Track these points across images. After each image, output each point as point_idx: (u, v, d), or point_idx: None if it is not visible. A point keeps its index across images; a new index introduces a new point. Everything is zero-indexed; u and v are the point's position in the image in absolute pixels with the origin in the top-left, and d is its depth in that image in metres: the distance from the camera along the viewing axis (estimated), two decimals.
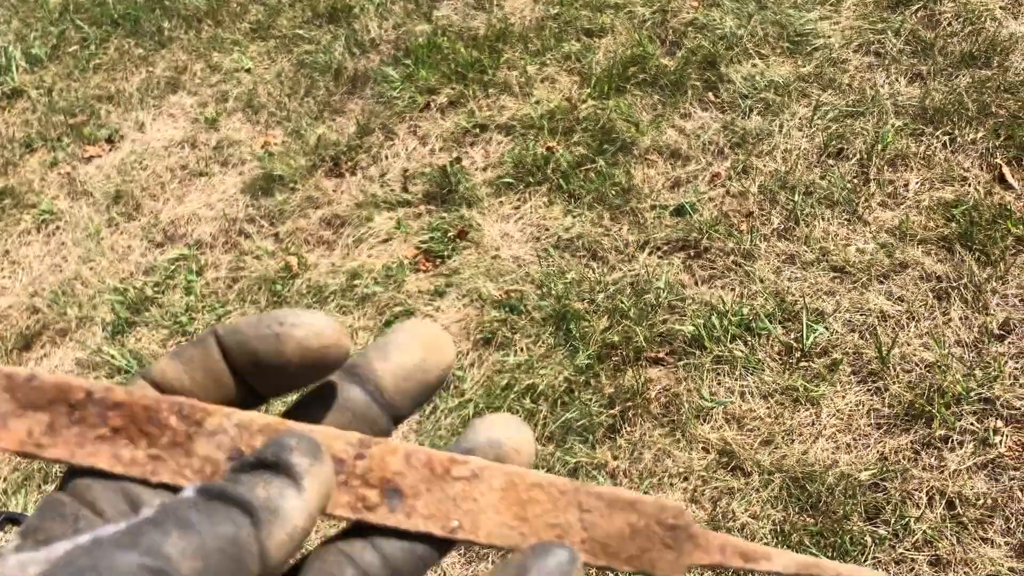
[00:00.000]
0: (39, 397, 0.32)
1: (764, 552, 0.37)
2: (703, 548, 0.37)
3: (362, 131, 2.48)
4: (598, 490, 0.36)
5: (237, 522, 0.28)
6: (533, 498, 0.36)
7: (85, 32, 3.05)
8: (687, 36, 2.49)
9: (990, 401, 1.67)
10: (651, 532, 0.37)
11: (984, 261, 1.86)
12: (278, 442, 0.30)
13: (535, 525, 0.35)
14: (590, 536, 0.36)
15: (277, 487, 0.29)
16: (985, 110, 2.11)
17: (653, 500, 0.37)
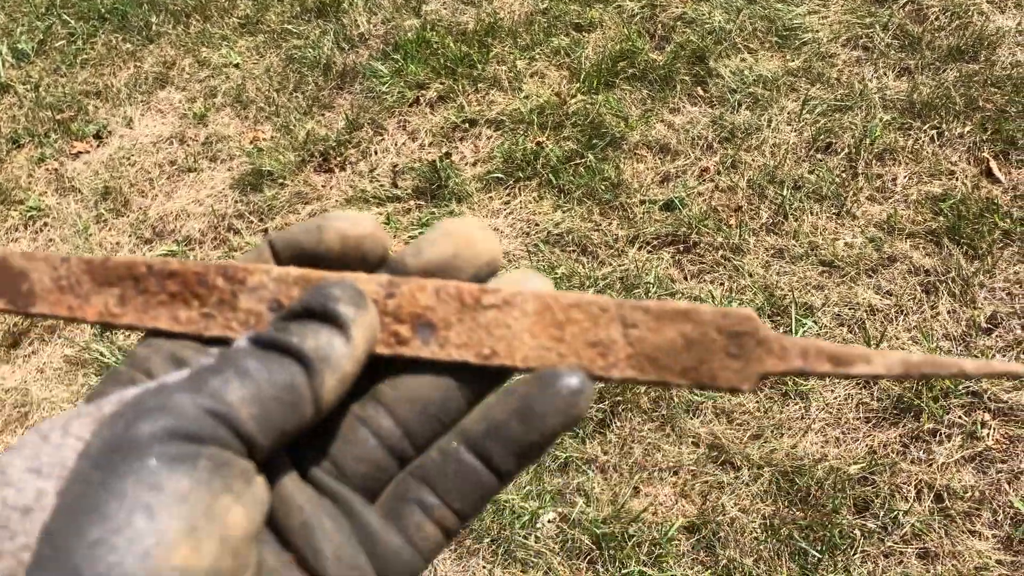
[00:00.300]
0: (111, 275, 0.37)
1: (861, 353, 0.34)
2: (777, 354, 0.34)
3: (351, 126, 2.48)
4: (646, 304, 0.35)
5: (291, 371, 0.30)
6: (571, 318, 0.35)
7: (72, 27, 3.03)
8: (676, 31, 2.49)
9: (978, 395, 1.68)
10: (710, 341, 0.34)
11: (972, 255, 1.87)
12: (323, 292, 0.32)
13: (574, 344, 0.34)
14: (636, 351, 0.35)
15: (326, 336, 0.31)
16: (972, 104, 2.12)
17: (713, 308, 0.35)
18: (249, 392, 0.29)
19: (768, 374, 0.34)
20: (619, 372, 0.34)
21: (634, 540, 1.61)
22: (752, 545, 1.58)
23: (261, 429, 0.29)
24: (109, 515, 0.25)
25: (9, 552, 0.25)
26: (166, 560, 0.25)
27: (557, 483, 1.70)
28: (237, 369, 0.29)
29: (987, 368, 0.33)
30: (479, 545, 1.65)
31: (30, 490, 0.26)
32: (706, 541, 1.60)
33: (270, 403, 0.29)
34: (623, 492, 1.67)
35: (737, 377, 0.34)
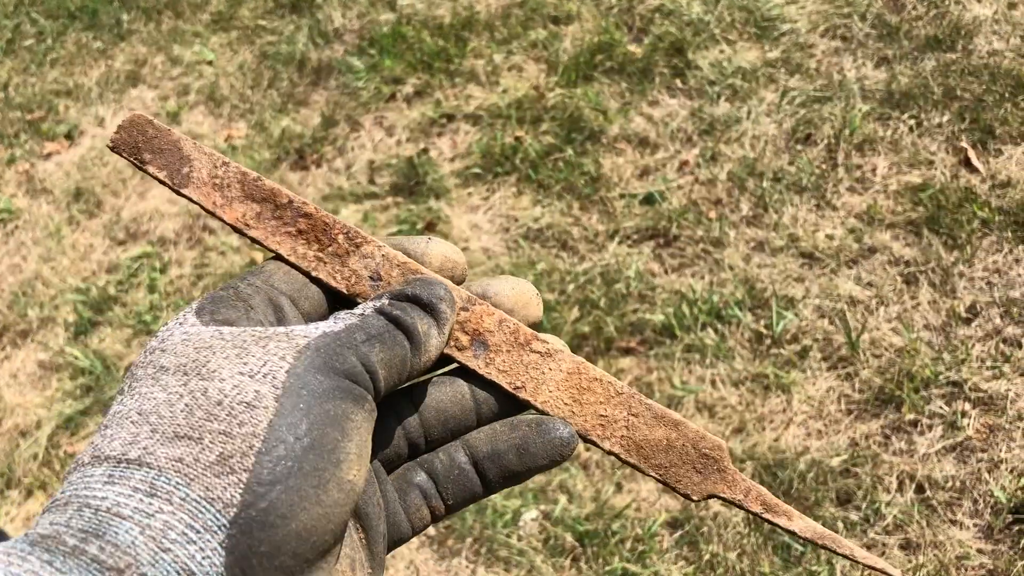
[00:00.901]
0: (258, 193, 0.42)
1: (786, 510, 0.41)
2: (729, 484, 0.41)
3: (327, 123, 2.45)
4: (650, 403, 0.42)
5: (404, 345, 0.37)
6: (591, 388, 0.42)
7: (41, 25, 2.98)
8: (654, 22, 2.48)
9: (958, 384, 1.68)
10: (685, 452, 0.42)
11: (951, 244, 1.87)
12: (431, 289, 0.40)
13: (586, 409, 0.42)
14: (629, 435, 0.42)
15: (427, 324, 0.39)
16: (950, 93, 2.12)
17: (697, 428, 0.42)
18: (387, 357, 0.36)
19: (714, 496, 0.41)
20: (609, 445, 0.42)
21: (617, 537, 1.60)
22: (735, 539, 1.58)
23: (387, 386, 0.36)
24: (318, 426, 0.32)
25: (239, 435, 0.31)
26: (347, 472, 0.32)
27: (539, 481, 1.69)
28: (379, 335, 0.36)
29: (872, 561, 0.41)
30: (461, 545, 1.64)
31: (249, 390, 0.32)
32: (689, 536, 1.59)
33: (395, 367, 0.37)
34: (606, 489, 1.66)
35: (693, 488, 0.41)
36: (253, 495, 0.30)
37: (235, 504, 0.29)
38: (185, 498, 0.29)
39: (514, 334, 0.42)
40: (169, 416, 0.31)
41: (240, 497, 0.29)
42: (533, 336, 0.42)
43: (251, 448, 0.30)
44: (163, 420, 0.31)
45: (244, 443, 0.30)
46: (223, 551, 0.29)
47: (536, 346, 0.42)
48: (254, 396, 0.32)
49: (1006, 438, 1.62)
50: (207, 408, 0.31)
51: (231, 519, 0.29)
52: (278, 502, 0.30)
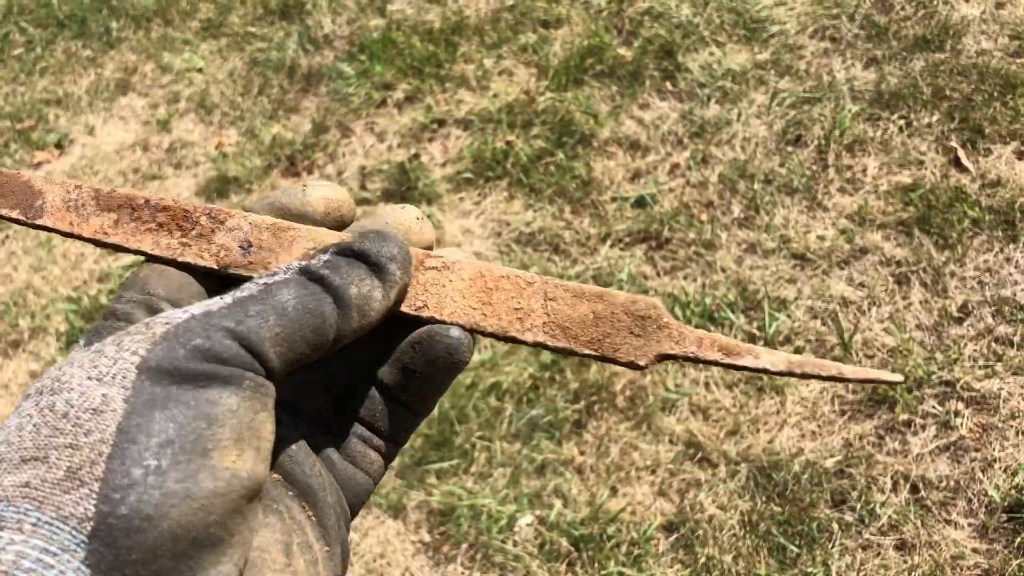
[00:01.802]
0: (113, 202, 0.42)
1: (749, 348, 0.38)
2: (675, 339, 0.39)
3: (318, 129, 2.45)
4: (567, 283, 0.40)
5: (323, 302, 0.34)
6: (500, 286, 0.40)
7: (30, 34, 2.97)
8: (643, 25, 2.48)
9: (951, 384, 1.68)
10: (617, 320, 0.39)
11: (942, 244, 1.87)
12: (384, 244, 0.37)
13: (498, 308, 0.40)
14: (551, 320, 0.39)
15: (368, 287, 0.35)
16: (939, 93, 2.13)
17: (626, 294, 0.40)
18: (287, 330, 0.33)
19: (665, 355, 0.39)
20: (532, 336, 0.39)
21: (613, 541, 1.60)
22: (731, 542, 1.58)
23: (284, 361, 0.33)
24: (175, 419, 0.29)
25: (87, 444, 0.29)
26: (220, 460, 0.30)
27: (534, 486, 1.69)
28: (279, 305, 0.33)
29: (863, 374, 0.37)
30: (456, 551, 1.64)
31: (95, 395, 0.30)
32: (685, 539, 1.59)
33: (296, 340, 0.33)
34: (601, 493, 1.66)
35: (636, 353, 0.39)
36: (110, 504, 0.28)
37: (90, 517, 0.28)
38: (37, 523, 0.28)
39: None
40: (17, 441, 0.30)
41: (95, 509, 0.28)
42: (425, 255, 0.40)
43: (100, 456, 0.28)
44: (11, 447, 0.30)
45: (92, 452, 0.29)
46: (87, 568, 0.27)
47: (430, 262, 0.40)
48: (101, 401, 0.30)
49: (999, 437, 1.62)
50: (53, 423, 0.30)
51: (89, 533, 0.27)
52: (140, 505, 0.28)
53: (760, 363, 0.37)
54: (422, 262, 0.40)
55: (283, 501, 0.36)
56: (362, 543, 1.66)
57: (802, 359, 0.38)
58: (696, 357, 0.38)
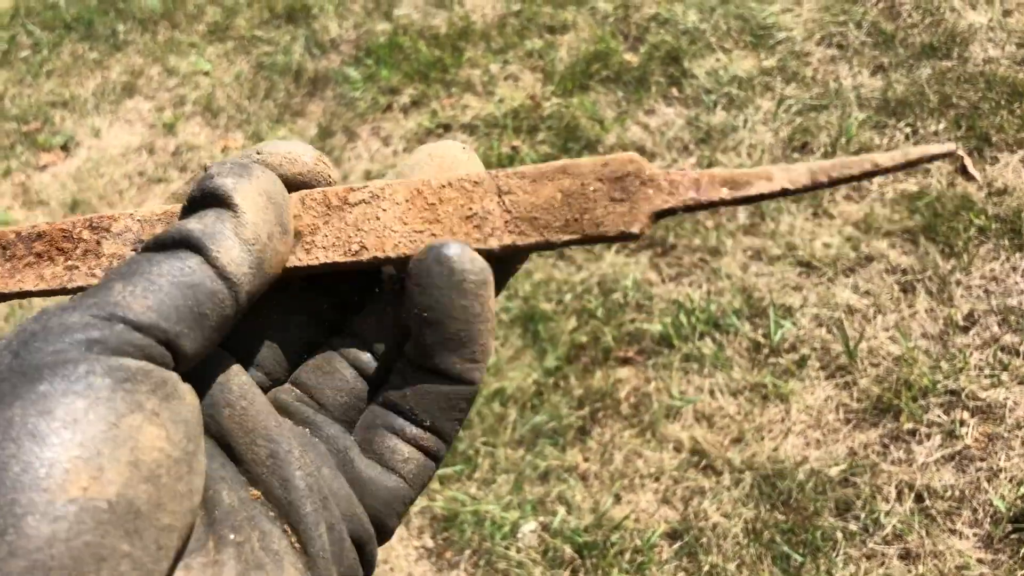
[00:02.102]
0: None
1: (760, 172, 0.32)
2: (667, 190, 0.32)
3: (324, 133, 2.45)
4: (522, 169, 0.34)
5: (182, 256, 0.28)
6: (445, 198, 0.34)
7: (37, 37, 2.98)
8: (650, 31, 2.48)
9: (956, 393, 1.68)
10: (591, 190, 0.33)
11: (948, 253, 1.87)
12: (201, 175, 0.31)
13: (448, 222, 0.33)
14: (514, 216, 0.33)
15: (212, 215, 0.29)
16: (946, 101, 2.12)
17: (593, 159, 0.33)
18: (139, 287, 0.26)
19: (660, 211, 0.32)
20: (497, 240, 0.33)
21: (616, 548, 1.59)
22: (735, 550, 1.57)
23: (169, 324, 0.26)
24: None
25: None
26: (62, 492, 0.22)
27: (538, 492, 1.68)
28: (121, 275, 0.27)
29: (902, 157, 0.32)
30: (459, 557, 1.63)
31: None
32: (688, 547, 1.59)
33: (174, 295, 0.27)
34: (604, 500, 1.66)
35: (625, 220, 0.32)
36: None
37: None
38: None
39: (323, 202, 0.35)
40: None
41: None
42: (347, 189, 0.35)
43: None
44: None
45: None
46: None
47: (355, 196, 0.34)
48: None
49: (1005, 447, 1.61)
50: None
51: None
52: None
53: (776, 184, 0.31)
54: (345, 199, 0.35)
55: (258, 526, 0.29)
56: None
57: (825, 163, 0.31)
58: (698, 202, 0.32)
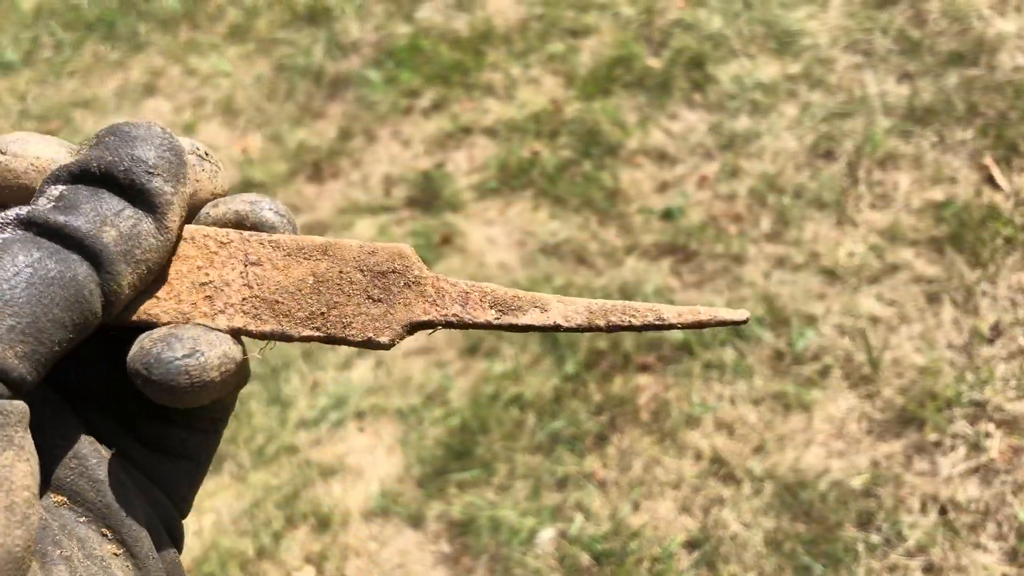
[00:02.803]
0: None
1: (535, 298, 0.29)
2: (431, 298, 0.29)
3: (343, 135, 2.45)
4: (278, 238, 0.29)
5: (70, 262, 0.23)
6: (180, 254, 0.28)
7: (59, 37, 3.00)
8: (673, 36, 2.47)
9: (981, 405, 1.66)
10: (348, 282, 0.29)
11: (974, 262, 1.84)
12: (131, 146, 0.25)
13: (177, 286, 0.28)
14: (254, 293, 0.28)
15: (131, 222, 0.24)
16: (973, 109, 2.10)
17: (360, 243, 0.29)
18: (20, 319, 0.22)
19: (417, 323, 0.29)
20: (227, 320, 0.28)
21: (634, 556, 1.58)
22: (754, 560, 1.55)
23: (34, 362, 0.23)
24: None
25: None
26: None
27: (555, 499, 1.67)
28: (2, 285, 0.22)
29: (692, 316, 0.29)
30: (476, 563, 1.62)
31: None
32: (707, 557, 1.57)
33: (46, 324, 0.23)
34: (623, 507, 1.64)
35: (376, 326, 0.28)
36: None
37: None
38: None
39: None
40: None
41: None
42: None
43: None
44: None
45: None
46: None
47: None
48: None
49: None
50: None
51: None
52: None
53: (549, 318, 0.29)
54: None
55: (74, 534, 0.26)
56: (381, 552, 1.65)
57: (606, 304, 0.29)
58: (461, 320, 0.29)
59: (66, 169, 0.25)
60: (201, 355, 0.25)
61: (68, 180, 0.25)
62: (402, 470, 1.74)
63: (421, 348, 1.90)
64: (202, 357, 0.25)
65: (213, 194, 0.30)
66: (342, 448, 1.78)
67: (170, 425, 0.30)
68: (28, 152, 0.28)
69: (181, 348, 0.25)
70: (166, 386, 0.25)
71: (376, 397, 1.84)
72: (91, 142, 0.26)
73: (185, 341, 0.26)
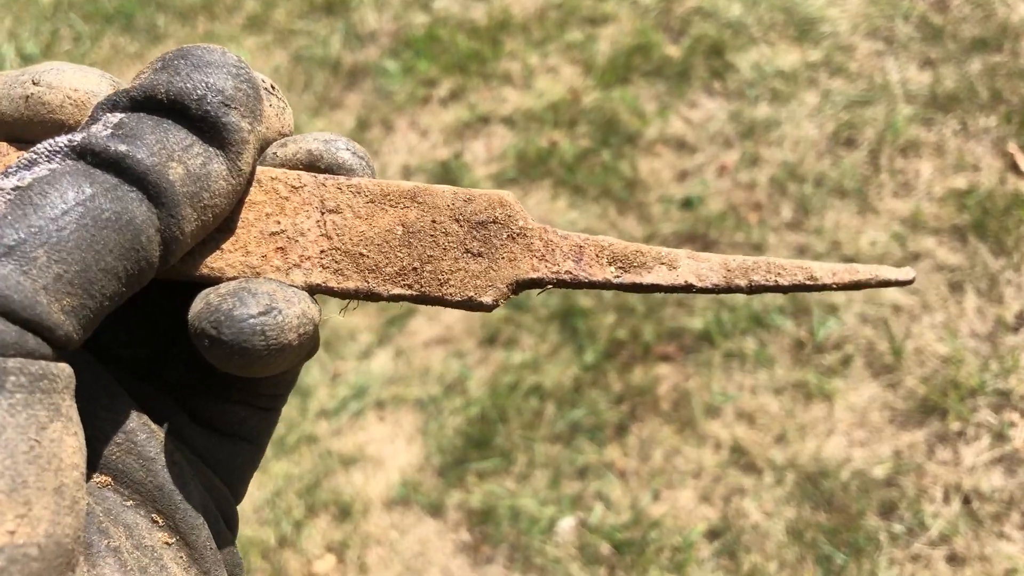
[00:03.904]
0: None
1: (661, 254, 0.25)
2: (539, 252, 0.25)
3: (361, 125, 2.45)
4: (360, 183, 0.25)
5: (128, 200, 0.20)
6: (249, 200, 0.25)
7: (78, 29, 3.01)
8: (692, 24, 2.45)
9: (1006, 394, 1.64)
10: (442, 233, 0.25)
11: (998, 251, 1.83)
12: (206, 73, 0.21)
13: (244, 236, 0.24)
14: (334, 246, 0.25)
15: (200, 159, 0.21)
16: (997, 96, 2.07)
17: (455, 189, 0.25)
18: (68, 267, 0.19)
19: (524, 281, 0.25)
20: (304, 276, 0.24)
21: (655, 546, 1.58)
22: (776, 550, 1.55)
23: (81, 318, 0.20)
24: None
25: None
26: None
27: (575, 488, 1.67)
28: (44, 225, 0.19)
29: (848, 275, 0.25)
30: (496, 552, 1.62)
31: None
32: (728, 546, 1.57)
33: (97, 273, 0.20)
34: (643, 497, 1.64)
35: (477, 284, 0.25)
36: None
37: None
38: None
39: None
40: None
41: None
42: None
43: None
44: None
45: None
46: None
47: None
48: None
49: None
50: None
51: None
52: None
53: (678, 277, 0.25)
54: None
55: (121, 520, 0.23)
56: (401, 540, 1.66)
57: (747, 261, 0.26)
58: (576, 279, 0.25)
59: (126, 94, 0.22)
60: (278, 313, 0.22)
61: (128, 107, 0.22)
62: (422, 459, 1.74)
63: (440, 338, 1.90)
64: (279, 316, 0.22)
65: (280, 133, 0.27)
66: (363, 437, 1.79)
67: (228, 402, 0.27)
68: (64, 83, 0.24)
69: (255, 304, 0.22)
70: (238, 347, 0.22)
71: (396, 387, 1.84)
72: (155, 66, 0.23)
73: (260, 296, 0.22)
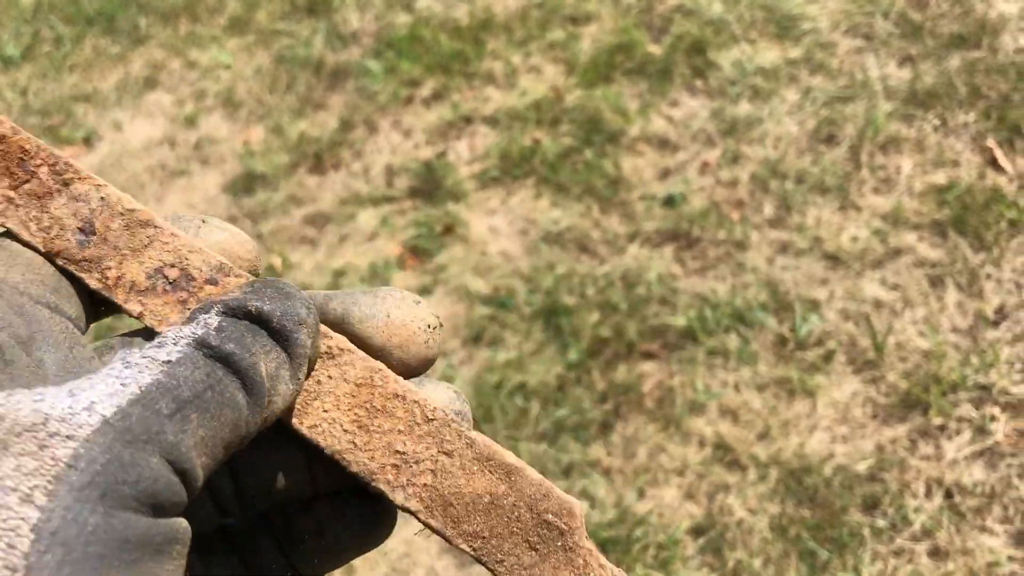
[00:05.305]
0: None
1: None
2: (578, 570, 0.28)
3: (344, 126, 2.44)
4: (475, 436, 0.29)
5: (234, 388, 0.24)
6: (388, 409, 0.28)
7: (59, 31, 2.99)
8: (674, 22, 2.46)
9: (986, 388, 1.65)
10: (517, 516, 0.28)
11: (978, 246, 1.84)
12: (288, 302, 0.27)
13: (375, 440, 0.28)
14: (435, 484, 0.28)
15: (275, 363, 0.26)
16: (976, 92, 2.09)
17: (540, 480, 0.28)
18: (209, 432, 0.23)
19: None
20: (403, 497, 0.28)
21: (640, 543, 1.58)
22: (760, 546, 1.55)
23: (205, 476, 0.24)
24: None
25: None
26: None
27: (561, 486, 1.67)
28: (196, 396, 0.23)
29: None
30: None
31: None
32: (713, 543, 1.57)
33: (218, 445, 0.24)
34: (628, 495, 1.64)
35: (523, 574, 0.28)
36: None
37: None
38: None
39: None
40: None
41: None
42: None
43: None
44: None
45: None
46: None
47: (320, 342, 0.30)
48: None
49: None
50: None
51: None
52: None
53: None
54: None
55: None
56: (387, 542, 1.66)
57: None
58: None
59: (222, 302, 0.26)
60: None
61: (225, 313, 0.26)
62: None
63: None
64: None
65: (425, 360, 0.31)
66: None
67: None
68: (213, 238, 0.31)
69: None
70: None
71: None
72: (246, 288, 0.27)
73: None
